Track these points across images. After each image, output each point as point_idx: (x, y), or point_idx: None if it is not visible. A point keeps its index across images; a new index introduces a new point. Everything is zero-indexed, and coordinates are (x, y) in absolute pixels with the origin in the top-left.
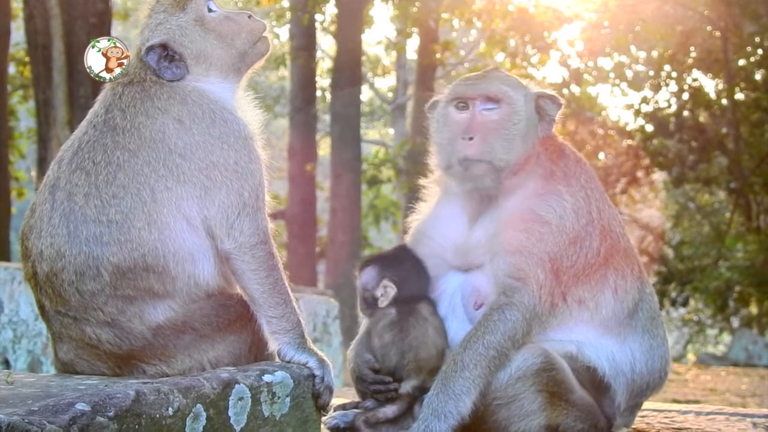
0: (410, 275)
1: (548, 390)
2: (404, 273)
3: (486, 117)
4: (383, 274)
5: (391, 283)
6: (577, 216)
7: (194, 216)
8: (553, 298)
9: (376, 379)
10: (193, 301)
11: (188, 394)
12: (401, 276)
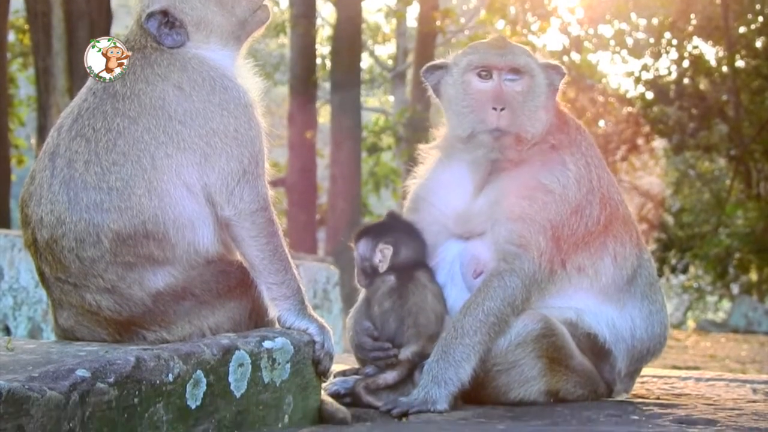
0: (404, 238)
1: (548, 356)
2: (398, 236)
3: (510, 88)
4: (377, 240)
5: (386, 245)
6: (579, 185)
7: (194, 183)
8: (552, 265)
9: (375, 346)
10: (192, 267)
11: (188, 360)
12: (396, 239)
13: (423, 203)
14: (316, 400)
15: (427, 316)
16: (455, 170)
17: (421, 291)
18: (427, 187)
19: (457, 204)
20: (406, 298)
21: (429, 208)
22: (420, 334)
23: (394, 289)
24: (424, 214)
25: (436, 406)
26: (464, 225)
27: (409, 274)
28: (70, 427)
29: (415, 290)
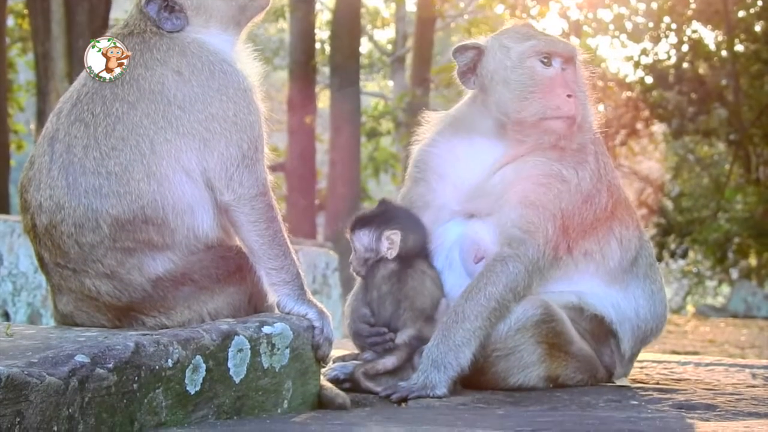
0: (409, 224)
1: (547, 341)
2: (403, 223)
3: (570, 77)
4: (382, 228)
5: (394, 231)
6: (591, 176)
7: (193, 168)
8: (557, 252)
9: (372, 332)
10: (192, 253)
11: (188, 345)
12: (402, 226)
13: (432, 174)
14: (315, 386)
15: (423, 300)
16: (476, 144)
17: (419, 276)
18: (439, 156)
19: (472, 178)
20: (405, 282)
21: (437, 179)
22: (416, 318)
23: (393, 273)
24: (431, 185)
25: (435, 391)
26: (473, 201)
27: (409, 260)
28: (69, 412)
29: (414, 275)
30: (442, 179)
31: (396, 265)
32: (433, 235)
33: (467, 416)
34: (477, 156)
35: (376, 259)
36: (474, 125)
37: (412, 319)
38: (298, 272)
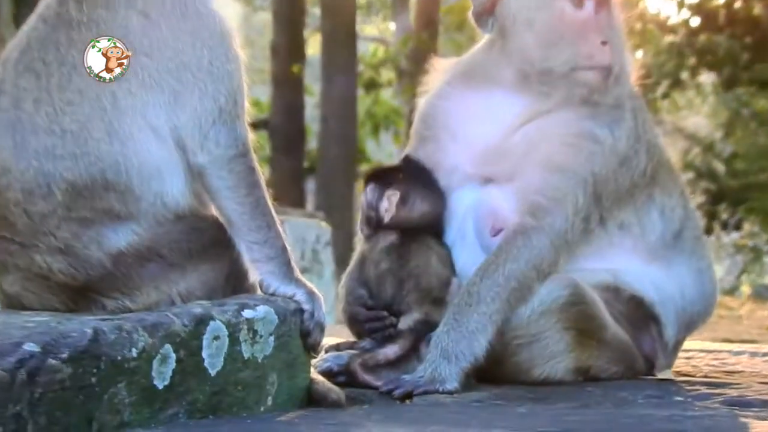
0: (419, 188)
1: (577, 327)
2: (412, 185)
3: (604, 21)
4: (387, 185)
5: (394, 191)
6: (628, 135)
7: (162, 125)
8: (588, 223)
9: (370, 315)
10: (159, 224)
11: (155, 332)
12: (409, 188)
13: (442, 131)
14: (304, 379)
15: (428, 280)
16: (494, 96)
17: (424, 252)
18: (450, 110)
19: (488, 136)
20: (407, 258)
21: (448, 137)
22: (422, 299)
23: (393, 247)
24: (441, 144)
25: (445, 386)
26: (491, 164)
27: (413, 232)
28: (16, 410)
29: (419, 251)
30: (453, 138)
31: (397, 237)
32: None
33: (483, 415)
34: (495, 111)
35: (376, 221)
36: (491, 75)
37: (418, 301)
38: (285, 246)
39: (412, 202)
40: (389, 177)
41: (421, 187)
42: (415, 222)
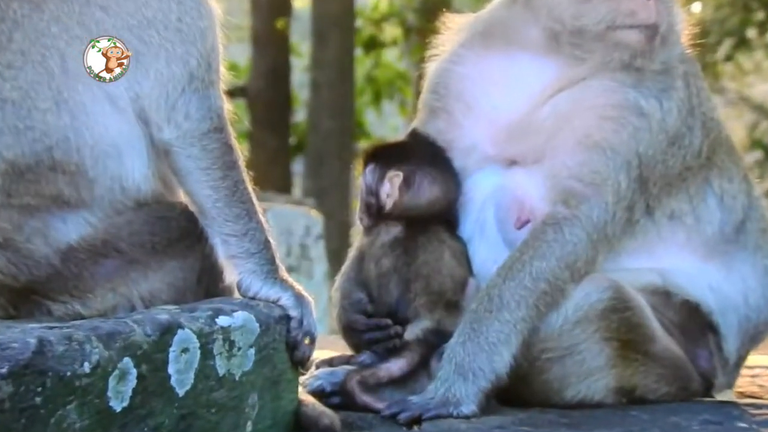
0: (427, 168)
1: (619, 338)
2: (419, 165)
3: None
4: (389, 165)
5: (397, 173)
6: (679, 107)
7: (121, 94)
8: (632, 213)
9: (371, 324)
10: (118, 212)
11: (112, 343)
12: (415, 168)
13: (456, 101)
14: (291, 401)
15: (441, 281)
16: (518, 61)
17: (436, 247)
18: (466, 77)
19: (512, 108)
20: (415, 254)
21: (464, 109)
22: (433, 304)
23: (398, 241)
24: (455, 118)
25: (460, 409)
26: (515, 142)
27: (422, 223)
28: None
29: (428, 245)
30: (470, 110)
31: (402, 229)
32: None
33: None
34: (519, 78)
35: (377, 208)
36: (515, 35)
37: (428, 307)
38: (268, 240)
39: (419, 184)
40: (392, 155)
41: (430, 168)
42: (423, 209)
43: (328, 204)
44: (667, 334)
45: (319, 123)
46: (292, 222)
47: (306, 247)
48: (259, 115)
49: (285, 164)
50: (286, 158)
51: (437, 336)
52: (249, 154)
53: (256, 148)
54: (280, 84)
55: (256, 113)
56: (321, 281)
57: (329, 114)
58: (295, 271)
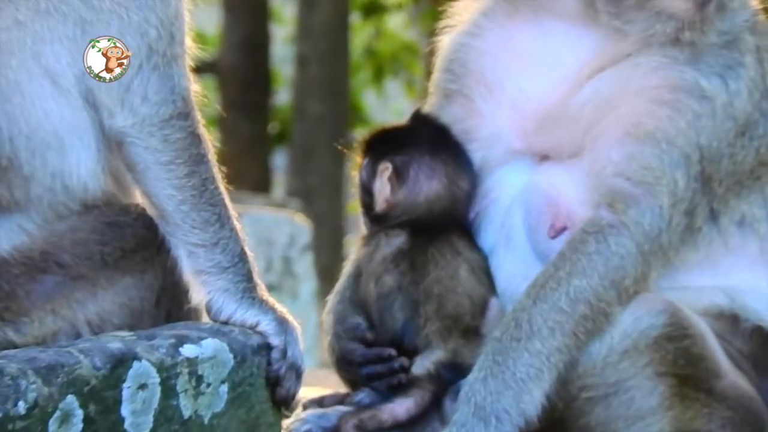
0: (427, 158)
1: (676, 373)
2: (418, 154)
3: None
4: (381, 155)
5: (386, 164)
6: (749, 88)
7: (64, 71)
8: (692, 219)
9: (370, 355)
10: (60, 217)
11: (52, 378)
12: (410, 158)
13: (475, 82)
14: None
15: (457, 302)
16: (549, 33)
17: (449, 260)
18: (487, 54)
19: (543, 91)
20: (424, 270)
21: (485, 92)
22: (447, 331)
23: (402, 254)
24: (474, 103)
25: None
26: (548, 132)
27: (431, 231)
28: None
29: (440, 258)
30: (491, 93)
31: (406, 239)
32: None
33: None
34: (551, 54)
35: (371, 208)
36: (545, 2)
37: (441, 334)
38: (244, 251)
39: (414, 178)
40: (388, 143)
41: (430, 158)
42: (424, 210)
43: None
44: (736, 367)
45: (306, 106)
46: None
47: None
48: (232, 97)
49: (264, 157)
50: (265, 150)
51: (452, 370)
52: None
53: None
54: (257, 58)
55: (229, 94)
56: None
57: (318, 95)
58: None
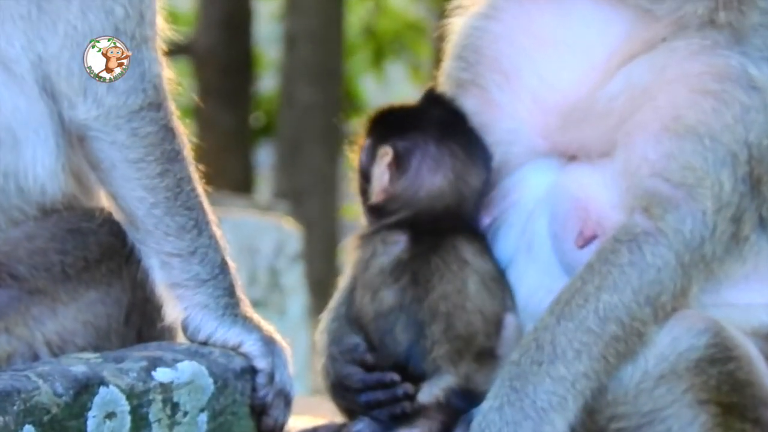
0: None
1: (720, 400)
2: (423, 137)
3: None
4: (383, 137)
5: (387, 148)
6: None
7: (18, 56)
8: (739, 227)
9: (370, 380)
10: (13, 223)
11: (7, 405)
12: (415, 142)
13: (490, 70)
14: None
15: (468, 321)
16: (573, 14)
17: (455, 272)
18: (500, 36)
19: (568, 81)
20: (427, 285)
21: (502, 82)
22: (459, 354)
23: (402, 265)
24: (490, 95)
25: None
26: (574, 129)
27: (433, 234)
28: None
29: (444, 270)
30: (509, 82)
31: (406, 245)
32: (497, 191)
33: None
34: (576, 37)
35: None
36: None
37: (450, 358)
38: (225, 262)
39: (416, 168)
40: (393, 125)
41: (436, 146)
42: (423, 205)
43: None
44: None
45: (295, 94)
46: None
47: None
48: (210, 84)
49: (247, 153)
50: (248, 144)
51: (464, 398)
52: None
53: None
54: (238, 39)
55: (207, 81)
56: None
57: (309, 81)
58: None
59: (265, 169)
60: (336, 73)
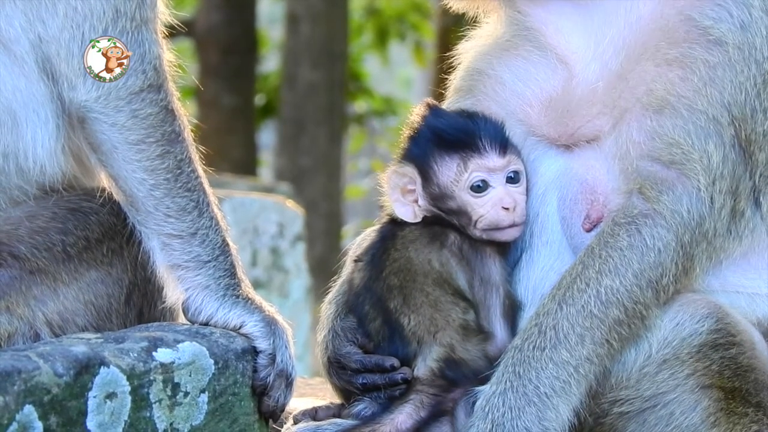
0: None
1: (722, 385)
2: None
3: None
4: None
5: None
6: (763, 20)
7: (18, 36)
8: (737, 200)
9: (369, 363)
10: (14, 203)
11: (8, 385)
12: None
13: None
14: None
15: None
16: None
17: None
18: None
19: (547, 79)
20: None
21: (495, 87)
22: (433, 323)
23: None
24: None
25: None
26: (564, 121)
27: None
28: None
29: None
30: (504, 86)
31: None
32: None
33: None
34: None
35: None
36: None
37: (426, 327)
38: (226, 243)
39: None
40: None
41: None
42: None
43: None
44: None
45: (298, 74)
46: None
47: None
48: (211, 64)
49: (249, 134)
50: (250, 125)
51: (454, 368)
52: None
53: (208, 112)
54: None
55: (208, 61)
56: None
57: (312, 62)
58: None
59: (267, 150)
60: (339, 54)
